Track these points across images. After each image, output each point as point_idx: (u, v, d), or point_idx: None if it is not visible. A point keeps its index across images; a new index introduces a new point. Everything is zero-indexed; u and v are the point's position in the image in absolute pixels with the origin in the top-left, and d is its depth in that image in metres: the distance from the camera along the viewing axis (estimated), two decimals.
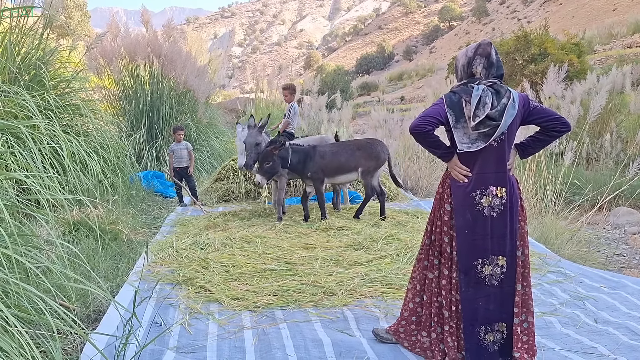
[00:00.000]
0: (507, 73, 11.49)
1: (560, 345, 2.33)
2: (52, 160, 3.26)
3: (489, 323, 2.07)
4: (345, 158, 4.64)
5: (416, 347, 2.24)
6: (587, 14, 37.29)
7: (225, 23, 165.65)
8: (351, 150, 4.69)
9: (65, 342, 2.20)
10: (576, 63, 11.20)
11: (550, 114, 2.06)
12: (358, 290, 2.94)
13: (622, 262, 4.08)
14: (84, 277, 2.39)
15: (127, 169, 5.32)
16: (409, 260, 3.42)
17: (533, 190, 4.84)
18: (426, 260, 2.21)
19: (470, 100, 2.00)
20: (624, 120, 7.90)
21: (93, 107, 5.19)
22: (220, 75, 14.45)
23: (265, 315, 2.65)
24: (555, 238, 4.14)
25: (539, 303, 2.82)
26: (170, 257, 3.59)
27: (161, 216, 5.16)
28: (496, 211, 2.03)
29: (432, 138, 2.06)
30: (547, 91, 6.24)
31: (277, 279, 3.11)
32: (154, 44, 7.38)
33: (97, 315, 2.58)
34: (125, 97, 7.51)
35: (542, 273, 3.35)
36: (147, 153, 7.04)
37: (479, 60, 2.05)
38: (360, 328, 2.50)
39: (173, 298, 2.88)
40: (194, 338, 2.40)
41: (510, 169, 2.08)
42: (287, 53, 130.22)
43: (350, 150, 4.68)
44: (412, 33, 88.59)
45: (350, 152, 4.67)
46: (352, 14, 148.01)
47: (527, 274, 2.09)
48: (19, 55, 4.29)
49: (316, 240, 3.94)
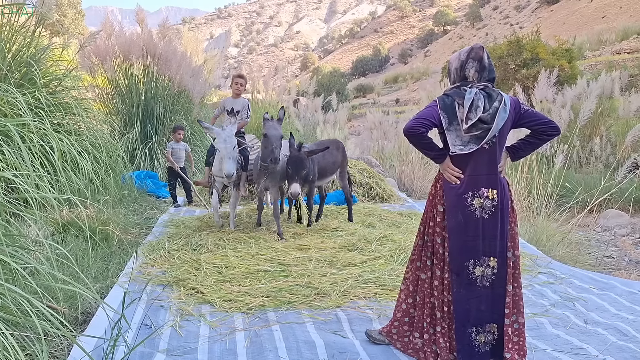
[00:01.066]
0: (500, 77, 11.59)
1: (551, 345, 2.34)
2: (42, 159, 3.22)
3: (480, 324, 2.07)
4: (333, 159, 4.57)
5: (409, 348, 2.24)
6: (577, 20, 37.72)
7: (222, 24, 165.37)
8: (335, 150, 4.63)
9: (52, 345, 2.16)
10: (567, 68, 11.32)
11: (541, 117, 2.08)
12: (351, 291, 2.93)
13: (611, 264, 4.12)
14: (72, 278, 2.36)
15: (119, 168, 5.27)
16: (403, 262, 3.42)
17: (525, 193, 4.87)
18: (419, 261, 2.21)
19: (463, 103, 2.01)
20: (613, 125, 7.99)
21: (85, 106, 5.14)
22: (216, 75, 14.42)
23: (258, 317, 2.63)
24: (547, 240, 4.17)
25: (530, 304, 2.83)
26: (162, 258, 3.56)
27: (153, 217, 5.13)
28: (487, 213, 2.04)
29: (425, 140, 2.07)
30: (539, 95, 6.30)
31: (270, 280, 3.09)
32: (148, 43, 7.33)
33: (85, 317, 2.54)
34: (118, 96, 7.45)
35: (533, 274, 3.37)
36: (140, 153, 6.99)
37: (472, 63, 2.07)
38: (353, 329, 2.50)
39: (164, 300, 2.85)
40: (185, 340, 2.38)
41: (502, 171, 2.10)
42: (283, 54, 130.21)
43: (335, 151, 4.62)
44: (407, 37, 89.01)
45: (335, 152, 4.61)
46: (348, 17, 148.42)
47: (518, 275, 2.11)
48: (9, 52, 4.24)
49: (310, 242, 3.93)
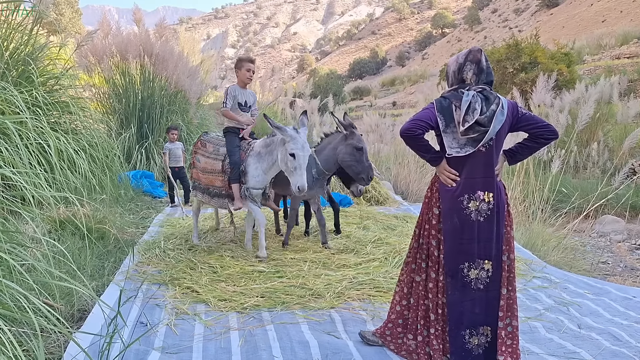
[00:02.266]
0: (498, 81, 11.63)
1: (544, 350, 2.36)
2: (39, 157, 3.21)
3: (474, 326, 2.09)
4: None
5: (402, 349, 2.25)
6: (577, 24, 37.90)
7: (219, 24, 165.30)
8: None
9: (48, 341, 2.16)
10: (565, 72, 11.36)
11: (538, 121, 2.09)
12: (346, 293, 2.95)
13: (606, 270, 4.14)
14: (69, 275, 2.36)
15: (115, 168, 5.26)
16: (397, 264, 3.43)
17: (521, 197, 4.89)
18: (414, 263, 2.22)
19: (460, 106, 2.02)
20: (611, 130, 8.03)
21: (82, 105, 5.13)
22: (213, 76, 14.41)
23: (252, 317, 2.64)
24: (542, 244, 4.19)
25: (524, 308, 2.85)
26: (158, 258, 3.57)
27: (149, 216, 5.12)
28: (483, 216, 2.05)
29: (421, 142, 2.08)
30: (537, 99, 6.33)
31: (265, 280, 3.10)
32: (145, 43, 7.33)
33: (81, 315, 2.55)
34: (115, 95, 7.44)
35: (527, 278, 3.39)
36: (136, 152, 6.99)
37: (470, 66, 2.08)
38: (347, 330, 2.51)
39: (159, 298, 2.85)
40: (180, 339, 2.38)
41: (498, 175, 2.11)
42: (280, 56, 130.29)
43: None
44: (405, 39, 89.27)
45: None
46: (345, 19, 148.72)
47: (513, 278, 2.12)
48: (7, 50, 4.23)
49: (305, 243, 3.94)
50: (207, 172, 3.78)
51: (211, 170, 3.74)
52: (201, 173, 3.84)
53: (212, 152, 3.78)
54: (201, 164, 3.84)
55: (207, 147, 3.84)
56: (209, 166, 3.77)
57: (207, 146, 3.83)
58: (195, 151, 3.97)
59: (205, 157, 3.82)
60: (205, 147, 3.85)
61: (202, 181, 3.84)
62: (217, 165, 3.70)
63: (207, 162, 3.78)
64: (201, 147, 3.89)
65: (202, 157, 3.85)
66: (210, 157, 3.77)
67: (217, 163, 3.70)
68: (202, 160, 3.84)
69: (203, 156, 3.84)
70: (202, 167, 3.83)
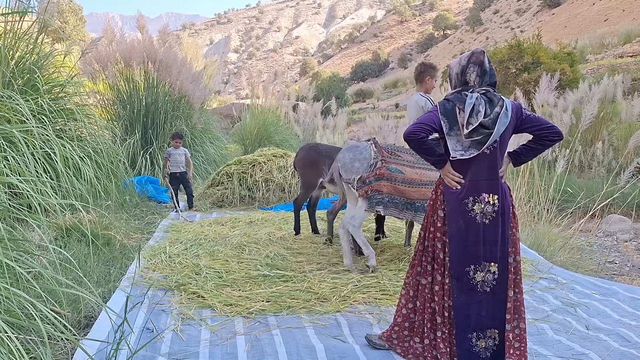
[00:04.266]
0: (500, 81, 11.59)
1: (552, 351, 2.34)
2: (45, 165, 3.24)
3: (481, 329, 2.08)
4: None
5: (409, 353, 2.24)
6: (579, 24, 37.76)
7: (221, 29, 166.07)
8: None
9: (55, 348, 2.17)
10: (568, 72, 11.31)
11: (543, 122, 2.08)
12: (351, 296, 2.94)
13: (613, 270, 4.11)
14: (75, 282, 2.37)
15: (120, 174, 5.30)
16: (403, 267, 3.42)
17: (526, 198, 4.87)
18: (419, 266, 2.21)
19: (463, 108, 2.02)
20: (616, 129, 7.98)
21: (87, 112, 5.17)
22: (216, 81, 14.49)
23: (258, 322, 2.64)
24: (548, 245, 4.17)
25: (531, 309, 2.83)
26: (163, 263, 3.57)
27: (154, 221, 5.14)
28: (488, 218, 2.04)
29: (426, 145, 2.08)
30: (540, 99, 6.31)
31: (270, 285, 3.10)
32: (149, 49, 7.39)
33: (88, 321, 2.55)
34: (119, 102, 7.49)
35: (534, 280, 3.37)
36: (141, 158, 7.02)
37: (473, 68, 2.08)
38: (354, 334, 2.50)
39: (165, 304, 2.86)
40: (186, 344, 2.39)
41: (503, 177, 2.11)
42: (282, 59, 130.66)
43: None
44: (407, 41, 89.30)
45: None
46: (347, 22, 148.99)
47: (519, 280, 2.11)
48: (12, 59, 4.28)
49: (310, 247, 3.93)
50: (415, 184, 3.36)
51: (427, 181, 3.36)
52: (406, 185, 3.36)
53: (415, 161, 3.38)
54: (406, 175, 3.36)
55: (401, 156, 3.41)
56: (417, 177, 3.36)
57: (402, 156, 3.42)
58: (384, 160, 3.38)
59: (409, 167, 3.38)
60: (400, 157, 3.41)
61: (406, 194, 3.37)
62: (429, 175, 3.32)
63: (416, 172, 3.37)
64: (391, 157, 3.40)
65: (403, 166, 3.37)
66: (415, 167, 3.38)
67: (428, 172, 3.34)
68: (408, 171, 3.38)
69: (404, 166, 3.38)
70: (409, 179, 3.36)
